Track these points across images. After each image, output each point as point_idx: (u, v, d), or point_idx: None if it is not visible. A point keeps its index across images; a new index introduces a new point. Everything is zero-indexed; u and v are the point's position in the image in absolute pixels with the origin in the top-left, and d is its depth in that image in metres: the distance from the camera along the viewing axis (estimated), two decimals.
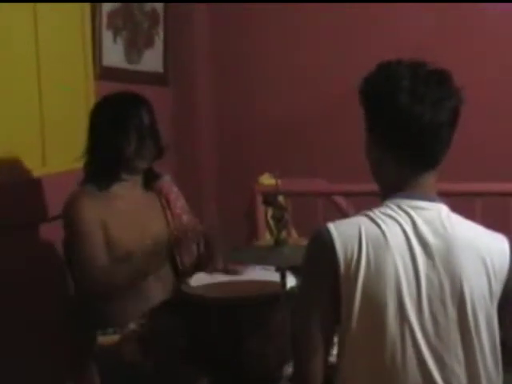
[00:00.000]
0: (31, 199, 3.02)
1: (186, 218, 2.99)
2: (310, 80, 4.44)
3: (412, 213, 1.72)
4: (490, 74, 4.11)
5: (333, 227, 1.71)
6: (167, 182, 3.00)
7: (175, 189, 3.03)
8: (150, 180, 2.92)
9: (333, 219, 1.77)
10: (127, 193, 2.81)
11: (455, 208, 1.79)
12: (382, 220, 1.71)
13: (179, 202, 3.01)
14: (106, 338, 2.67)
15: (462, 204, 2.14)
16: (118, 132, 2.73)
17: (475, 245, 1.72)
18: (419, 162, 1.75)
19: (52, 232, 3.02)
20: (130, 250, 2.73)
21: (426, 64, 1.76)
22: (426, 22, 4.19)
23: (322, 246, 1.70)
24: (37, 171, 3.03)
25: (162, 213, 2.94)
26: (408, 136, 1.72)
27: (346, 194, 4.02)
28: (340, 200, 4.08)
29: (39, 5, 3.03)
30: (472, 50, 4.13)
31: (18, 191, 2.93)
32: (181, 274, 2.87)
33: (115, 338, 2.64)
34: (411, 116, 1.69)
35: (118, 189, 2.79)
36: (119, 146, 2.73)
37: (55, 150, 3.15)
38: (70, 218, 2.71)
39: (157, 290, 2.74)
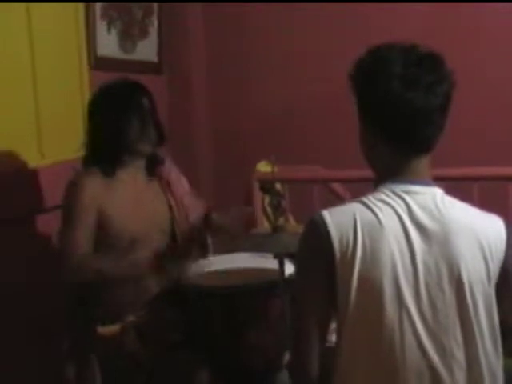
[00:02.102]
0: (28, 190, 3.01)
1: (187, 199, 2.98)
2: (306, 67, 4.42)
3: (406, 198, 1.71)
4: (489, 62, 4.11)
5: (327, 214, 1.70)
6: (166, 163, 2.99)
7: (175, 169, 3.02)
8: (153, 165, 2.91)
9: (330, 205, 1.76)
10: (129, 178, 2.81)
11: (453, 193, 1.79)
12: (377, 206, 1.70)
13: (181, 182, 3.01)
14: (106, 329, 2.67)
15: (460, 189, 2.14)
16: (120, 114, 2.73)
17: (471, 227, 1.71)
18: (412, 147, 1.74)
19: (50, 223, 3.02)
20: (132, 234, 2.73)
21: (417, 47, 1.74)
22: (426, 12, 4.17)
23: (317, 233, 1.69)
24: (33, 162, 3.03)
25: (164, 197, 2.94)
26: (401, 121, 1.71)
27: (343, 181, 4.01)
28: (337, 186, 4.08)
29: None
30: (470, 40, 4.13)
31: (14, 182, 2.92)
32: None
33: (115, 328, 2.65)
34: (404, 101, 1.68)
35: (120, 174, 2.78)
36: (121, 128, 2.73)
37: (51, 140, 3.14)
38: (67, 195, 2.70)
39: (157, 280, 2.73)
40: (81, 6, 3.44)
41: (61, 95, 3.25)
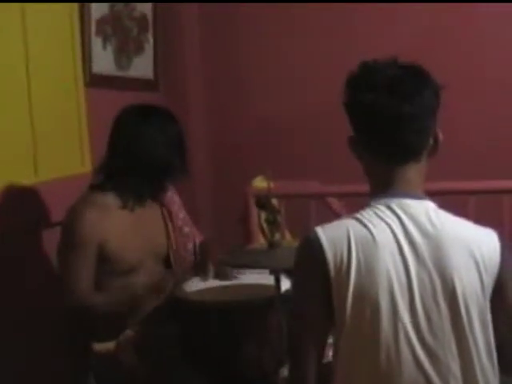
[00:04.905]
0: (23, 208, 3.00)
1: (187, 229, 2.98)
2: (302, 82, 4.43)
3: (399, 212, 1.72)
4: (486, 74, 4.12)
5: (321, 231, 1.71)
6: (169, 191, 2.97)
7: (177, 199, 3.00)
8: (158, 192, 2.85)
9: (326, 221, 1.77)
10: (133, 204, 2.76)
11: (448, 206, 1.79)
12: (370, 221, 1.71)
13: (181, 214, 3.00)
14: (103, 346, 2.66)
15: (455, 202, 2.15)
16: (161, 142, 2.69)
17: (464, 240, 1.72)
18: (395, 154, 1.76)
19: (45, 240, 3.01)
20: (133, 262, 2.70)
21: (399, 60, 1.78)
22: (421, 22, 4.18)
23: (311, 250, 1.70)
24: (28, 179, 3.02)
25: (162, 224, 2.91)
26: (377, 129, 1.74)
27: (339, 196, 4.01)
28: (333, 201, 4.08)
29: (28, 12, 3.02)
30: (467, 51, 4.14)
31: (9, 200, 2.91)
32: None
33: (111, 345, 2.64)
34: (376, 108, 1.71)
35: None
36: (161, 157, 2.69)
37: (46, 158, 3.14)
38: (70, 227, 2.63)
39: (152, 299, 2.71)
40: (76, 22, 3.44)
41: (56, 113, 3.24)
